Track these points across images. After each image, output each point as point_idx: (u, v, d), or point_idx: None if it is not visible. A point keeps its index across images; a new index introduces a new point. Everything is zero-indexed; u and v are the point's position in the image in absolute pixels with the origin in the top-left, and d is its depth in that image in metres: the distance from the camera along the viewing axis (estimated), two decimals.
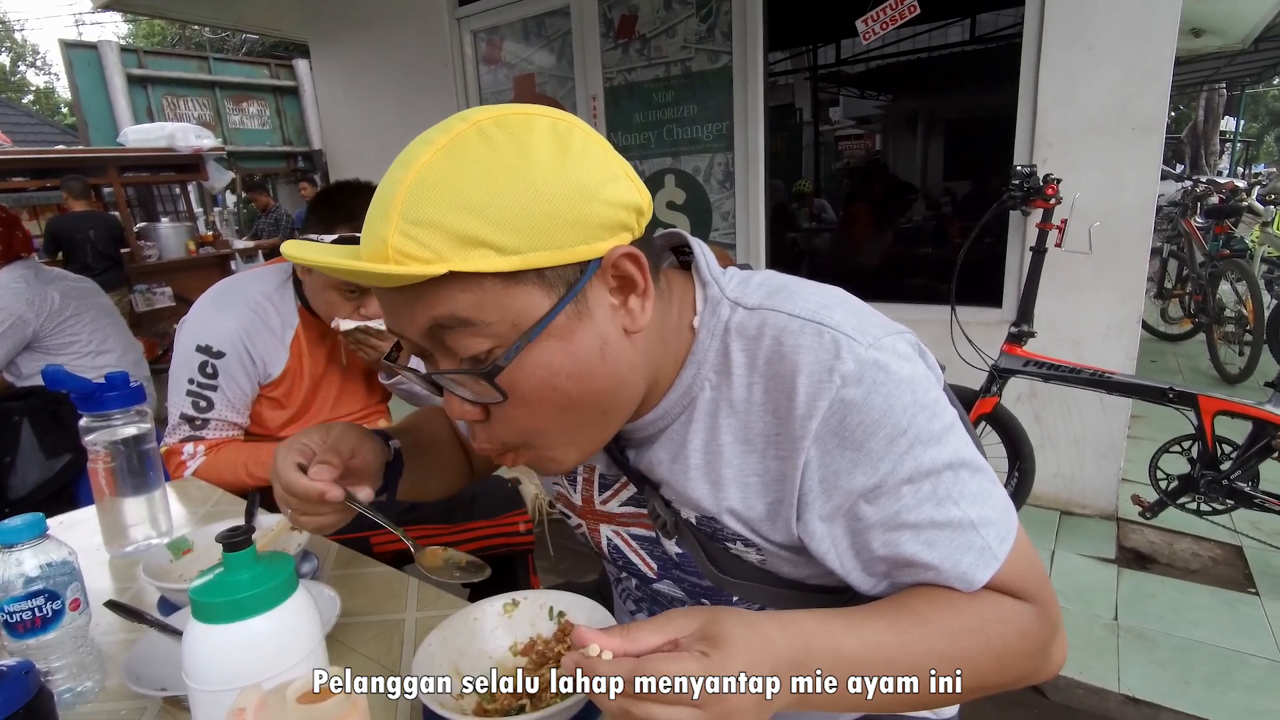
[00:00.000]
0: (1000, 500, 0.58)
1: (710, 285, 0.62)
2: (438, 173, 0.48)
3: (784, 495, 0.58)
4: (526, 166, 0.48)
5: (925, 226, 3.08)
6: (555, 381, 0.52)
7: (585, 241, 0.50)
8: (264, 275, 1.42)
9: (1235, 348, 3.92)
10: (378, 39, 4.11)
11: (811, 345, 0.55)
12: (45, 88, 24.27)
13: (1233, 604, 1.99)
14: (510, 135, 0.49)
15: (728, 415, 0.60)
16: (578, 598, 0.75)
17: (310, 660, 0.57)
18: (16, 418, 2.14)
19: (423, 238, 0.47)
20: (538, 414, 0.54)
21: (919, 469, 0.55)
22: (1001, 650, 0.55)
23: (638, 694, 0.43)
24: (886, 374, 0.54)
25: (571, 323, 0.52)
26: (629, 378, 0.56)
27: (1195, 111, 12.63)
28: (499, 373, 0.51)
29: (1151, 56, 2.15)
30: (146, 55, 9.41)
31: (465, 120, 0.50)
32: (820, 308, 0.57)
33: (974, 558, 0.55)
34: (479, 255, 0.48)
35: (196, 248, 6.36)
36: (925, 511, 0.55)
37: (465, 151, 0.49)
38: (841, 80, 3.38)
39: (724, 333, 0.60)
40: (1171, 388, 1.98)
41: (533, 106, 0.53)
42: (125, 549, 1.02)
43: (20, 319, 2.20)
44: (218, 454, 1.32)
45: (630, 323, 0.55)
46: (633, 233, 0.54)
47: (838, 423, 0.54)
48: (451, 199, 0.47)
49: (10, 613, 0.67)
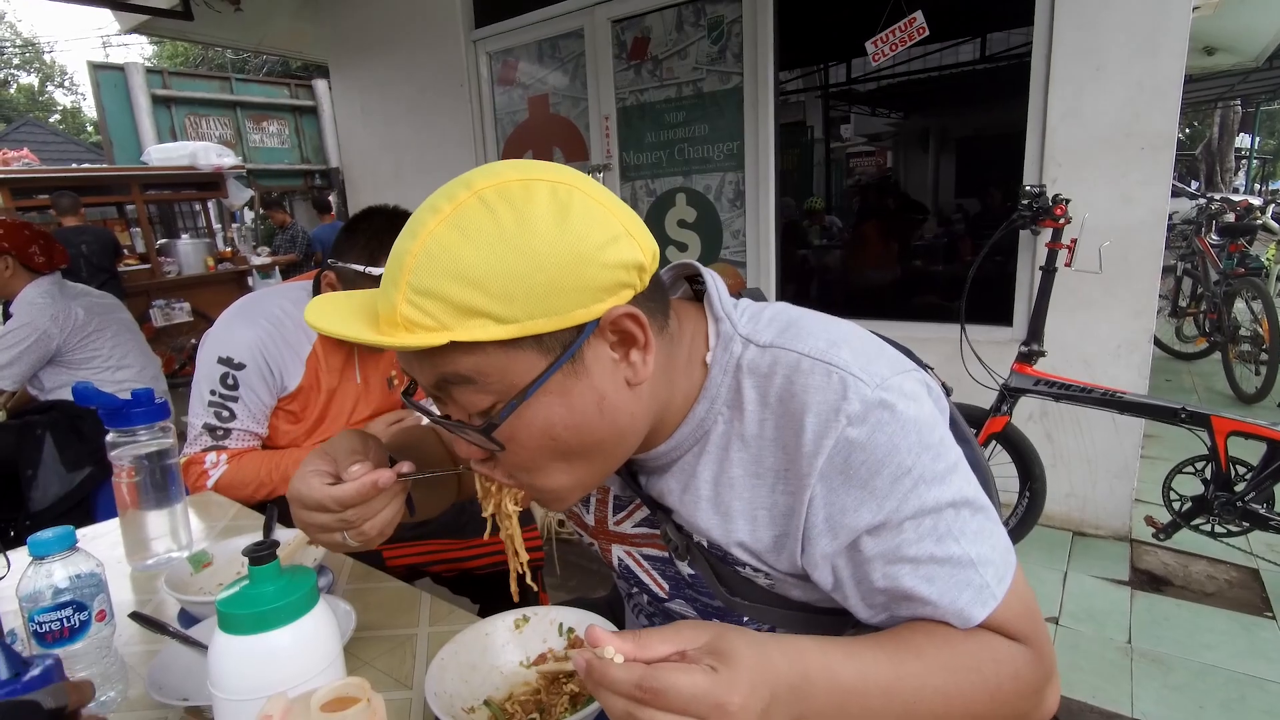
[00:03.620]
0: (1000, 541, 0.59)
1: (722, 321, 0.63)
2: (441, 244, 0.51)
3: (790, 529, 0.60)
4: (526, 238, 0.50)
5: (935, 244, 3.09)
6: (553, 433, 0.55)
7: (583, 305, 0.52)
8: (285, 291, 1.46)
9: (1251, 367, 3.87)
10: (395, 60, 4.19)
11: (820, 385, 0.57)
12: (72, 107, 24.87)
13: (1249, 628, 1.96)
14: (511, 205, 0.51)
15: (739, 449, 0.62)
16: (586, 614, 0.76)
17: (331, 671, 0.58)
18: (39, 431, 2.19)
19: (427, 307, 0.50)
20: (537, 460, 0.58)
21: (922, 507, 0.56)
22: (995, 689, 0.56)
23: (644, 700, 0.45)
24: (892, 414, 0.56)
25: (568, 380, 0.54)
26: (629, 426, 0.59)
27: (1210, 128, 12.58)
28: (495, 429, 0.54)
29: (1161, 74, 2.16)
30: (171, 76, 9.64)
31: (469, 188, 0.52)
32: (830, 346, 0.59)
33: (972, 595, 0.57)
34: (479, 324, 0.50)
35: (215, 264, 6.47)
36: (925, 547, 0.56)
37: (468, 222, 0.51)
38: (852, 99, 3.41)
39: (736, 369, 0.62)
40: (1184, 408, 1.97)
41: (535, 170, 0.54)
42: (147, 561, 1.04)
43: (45, 334, 2.26)
44: (240, 463, 1.35)
45: (633, 375, 0.57)
46: (635, 289, 0.55)
47: (842, 461, 0.56)
48: (453, 271, 0.50)
49: (40, 623, 0.70)
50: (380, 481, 0.63)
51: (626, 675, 0.45)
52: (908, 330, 2.84)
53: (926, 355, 0.75)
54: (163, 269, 6.05)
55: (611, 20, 3.34)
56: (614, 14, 3.32)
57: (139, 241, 6.44)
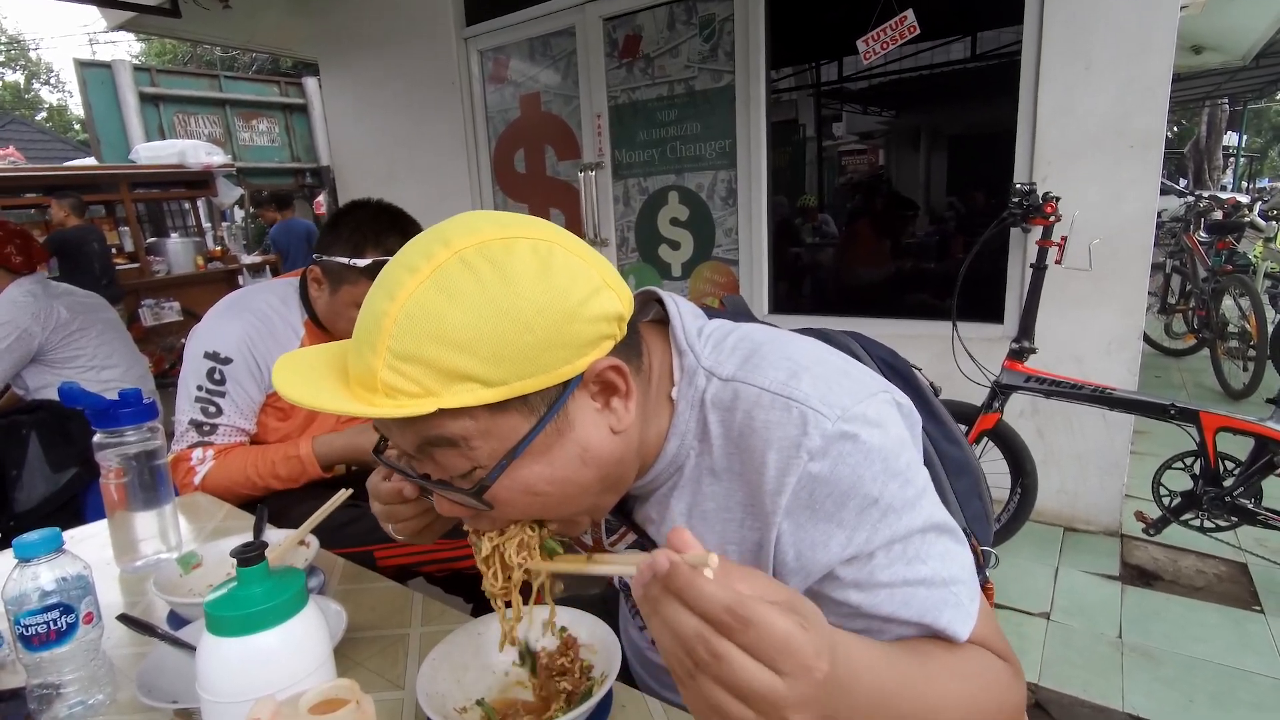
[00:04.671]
0: (967, 561, 0.59)
1: (686, 355, 0.62)
2: (423, 307, 0.49)
3: (760, 563, 0.59)
4: (512, 299, 0.49)
5: (927, 242, 3.10)
6: (537, 489, 0.55)
7: (568, 361, 0.51)
8: (273, 287, 1.45)
9: (1239, 363, 3.91)
10: (386, 58, 4.17)
11: (779, 421, 0.56)
12: (59, 105, 24.60)
13: (1238, 621, 1.98)
14: (493, 264, 0.50)
15: (710, 483, 0.62)
16: (580, 613, 0.76)
17: (320, 673, 0.58)
18: (24, 431, 2.16)
19: (411, 374, 0.49)
20: (524, 513, 0.58)
21: (893, 536, 0.55)
22: (1002, 699, 0.56)
23: (727, 627, 0.39)
24: (854, 445, 0.55)
25: (551, 439, 0.54)
26: (613, 471, 0.58)
27: (1198, 127, 12.68)
28: (485, 490, 0.53)
29: (1149, 73, 2.18)
30: (159, 74, 9.55)
31: (448, 247, 0.50)
32: (790, 378, 0.57)
33: (952, 614, 0.56)
34: (466, 389, 0.49)
35: (205, 263, 6.43)
36: (898, 571, 0.56)
37: (449, 284, 0.49)
38: (844, 97, 3.42)
39: (700, 404, 0.61)
40: (1173, 404, 1.98)
41: (514, 227, 0.53)
42: (135, 563, 1.04)
43: (25, 332, 2.23)
44: (227, 459, 1.34)
45: (616, 423, 0.56)
46: (615, 339, 0.55)
47: (808, 496, 0.55)
48: (438, 335, 0.48)
49: (25, 626, 0.69)
50: (404, 491, 0.65)
51: (720, 593, 0.39)
52: (899, 328, 2.85)
53: (918, 352, 0.75)
54: (152, 268, 6.01)
55: (603, 18, 3.33)
56: (605, 12, 3.31)
57: (128, 240, 6.39)
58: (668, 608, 0.40)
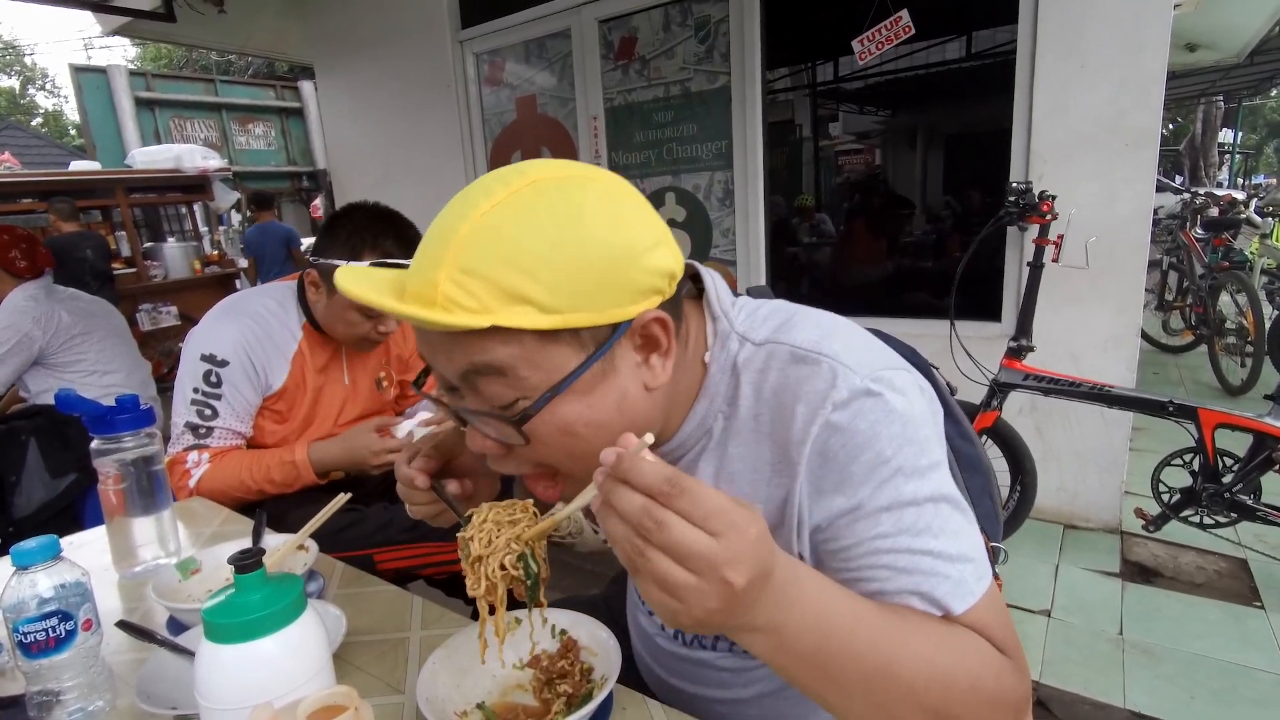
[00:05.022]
0: (979, 543, 0.59)
1: (720, 320, 0.64)
2: (494, 227, 0.50)
3: (785, 519, 0.60)
4: (580, 232, 0.51)
5: (924, 241, 3.10)
6: (573, 429, 0.55)
7: (621, 305, 0.53)
8: (269, 290, 1.45)
9: (1237, 359, 3.92)
10: (381, 61, 4.17)
11: (810, 375, 0.58)
12: (54, 110, 24.58)
13: (1239, 617, 1.98)
14: (567, 199, 0.52)
15: (737, 445, 0.63)
16: (579, 615, 0.76)
17: (319, 679, 0.58)
18: (24, 437, 2.16)
19: (472, 288, 0.50)
20: (553, 454, 0.58)
21: (899, 498, 0.55)
22: (976, 680, 0.53)
23: (667, 496, 0.43)
24: (877, 403, 0.56)
25: (596, 379, 0.55)
26: (643, 426, 0.59)
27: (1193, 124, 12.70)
28: (526, 420, 0.54)
29: (1144, 71, 2.18)
30: (154, 78, 9.56)
31: (524, 177, 0.52)
32: (822, 339, 0.60)
33: (950, 587, 0.55)
34: (522, 312, 0.50)
35: (202, 267, 6.41)
36: (903, 540, 0.55)
37: (522, 210, 0.51)
38: (840, 97, 3.42)
39: (733, 367, 0.63)
40: (1171, 400, 1.99)
41: (589, 170, 0.55)
42: (134, 569, 1.03)
43: (27, 336, 2.23)
44: (223, 462, 1.33)
45: (650, 379, 0.58)
46: (664, 296, 0.56)
47: (823, 444, 0.57)
48: (505, 255, 0.50)
49: (24, 633, 0.69)
50: (415, 481, 0.69)
51: (659, 468, 0.44)
52: (897, 327, 2.83)
53: (919, 351, 0.75)
54: (149, 272, 5.99)
55: (599, 20, 3.33)
56: (601, 14, 3.31)
57: (124, 245, 6.38)
58: (616, 494, 0.44)
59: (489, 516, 0.62)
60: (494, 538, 0.60)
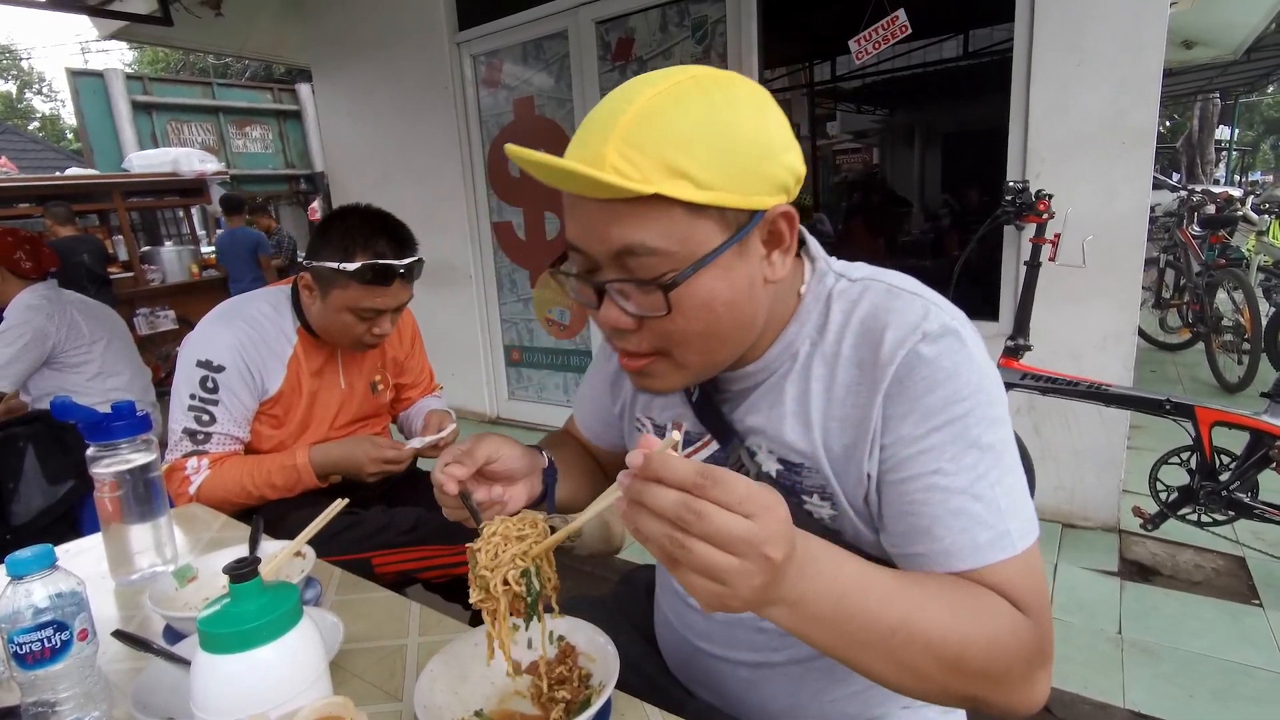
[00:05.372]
0: (1029, 505, 0.62)
1: (819, 260, 0.72)
2: (658, 109, 0.55)
3: (859, 438, 0.64)
4: (733, 119, 0.56)
5: (922, 240, 3.11)
6: (712, 305, 0.60)
7: (760, 193, 0.58)
8: (264, 295, 1.45)
9: (1234, 356, 3.92)
10: (379, 63, 4.17)
11: (904, 308, 0.63)
12: (51, 114, 24.57)
13: (1237, 616, 1.98)
14: (722, 90, 0.57)
15: (819, 366, 0.68)
16: (578, 621, 0.76)
17: (315, 688, 0.58)
18: (21, 443, 2.15)
19: (637, 160, 0.54)
20: (687, 330, 0.61)
21: (964, 436, 0.59)
22: (993, 637, 0.56)
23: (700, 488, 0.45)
24: (963, 345, 0.61)
25: (734, 259, 0.59)
26: (759, 317, 0.65)
27: (1190, 121, 12.72)
28: (674, 288, 0.58)
29: (1141, 69, 2.18)
30: (151, 82, 9.55)
31: (684, 72, 0.58)
32: (918, 285, 0.67)
33: (991, 537, 0.59)
34: (681, 185, 0.55)
35: (199, 271, 6.41)
36: (959, 480, 0.59)
37: (682, 97, 0.56)
38: (837, 96, 3.43)
39: (827, 297, 0.69)
40: (1168, 398, 1.99)
41: (737, 74, 0.61)
42: (131, 577, 1.03)
43: (41, 332, 2.24)
44: (222, 468, 1.33)
45: (770, 273, 0.63)
46: (789, 196, 0.62)
47: (906, 372, 0.61)
48: (668, 133, 0.55)
49: (19, 644, 0.68)
50: (445, 487, 0.71)
51: (691, 463, 0.46)
52: None
53: None
54: (146, 277, 5.99)
55: (595, 21, 3.33)
56: (598, 15, 3.31)
57: (122, 249, 6.38)
58: (649, 493, 0.46)
59: (499, 530, 0.62)
60: (500, 551, 0.60)
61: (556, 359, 3.98)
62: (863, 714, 0.77)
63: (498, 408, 4.30)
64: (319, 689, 0.58)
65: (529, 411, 4.16)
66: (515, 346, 4.17)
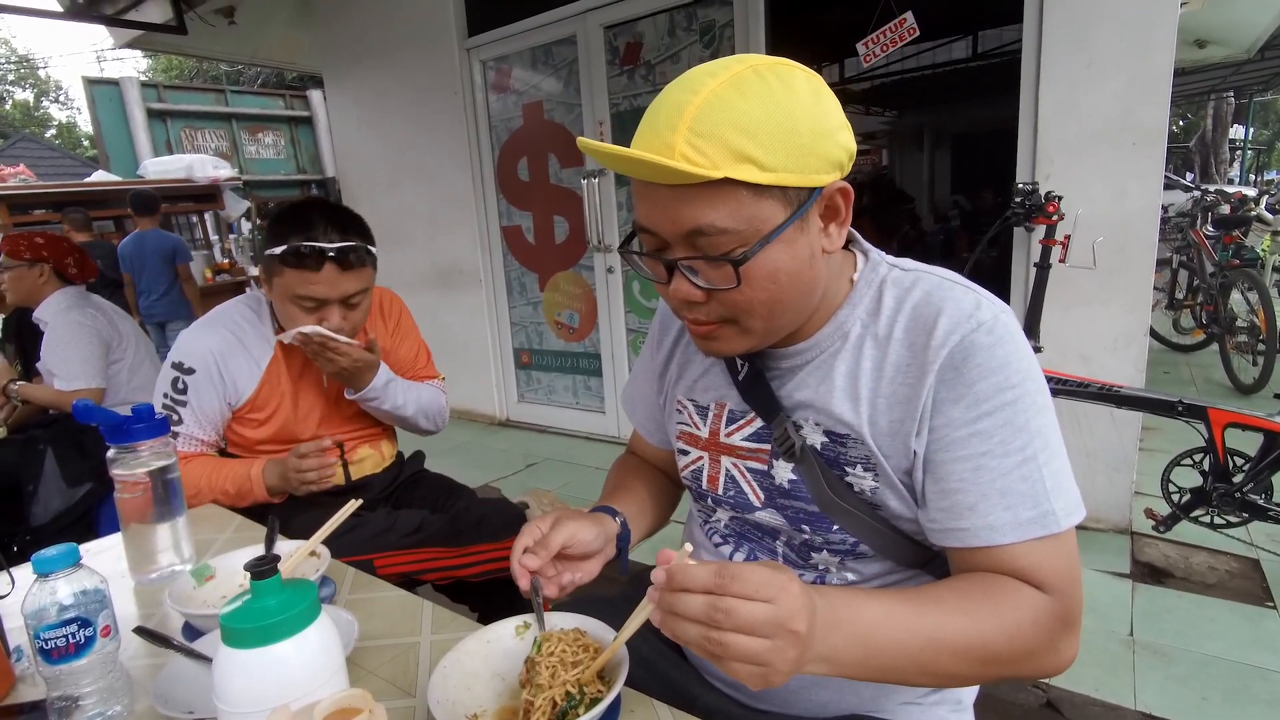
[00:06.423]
0: (1074, 488, 0.67)
1: (871, 252, 0.77)
2: (723, 99, 0.59)
3: (907, 416, 0.68)
4: (791, 104, 0.61)
5: (931, 242, 3.10)
6: (777, 276, 0.65)
7: (818, 172, 0.62)
8: (246, 300, 1.48)
9: (1249, 357, 3.88)
10: (389, 69, 4.21)
11: (957, 298, 0.68)
12: (68, 122, 24.89)
13: (1251, 618, 1.96)
14: (779, 77, 0.62)
15: (871, 347, 0.71)
16: (588, 619, 0.77)
17: (334, 682, 0.59)
18: (41, 446, 2.19)
19: (705, 148, 0.58)
20: (754, 300, 0.66)
21: (1013, 421, 0.64)
22: (1014, 631, 0.61)
23: (721, 587, 0.51)
24: (1013, 338, 0.66)
25: (796, 234, 0.64)
26: (818, 287, 0.70)
27: (1203, 121, 12.60)
28: (744, 262, 0.62)
29: (1151, 68, 2.17)
30: (166, 89, 9.66)
31: (742, 63, 0.62)
32: (968, 281, 0.71)
33: (1035, 515, 0.63)
34: (746, 168, 0.59)
35: (213, 275, 6.48)
36: (1006, 462, 0.64)
37: (745, 86, 0.60)
38: (845, 98, 3.41)
39: (880, 284, 0.73)
40: (1181, 400, 1.98)
41: (791, 61, 0.65)
42: (150, 575, 1.05)
43: (93, 328, 2.29)
44: (186, 466, 1.33)
45: (828, 244, 0.68)
46: (843, 172, 0.66)
47: (961, 358, 0.65)
48: (733, 121, 0.59)
49: (45, 639, 0.70)
50: (520, 582, 0.75)
51: (707, 567, 0.52)
52: None
53: None
54: None
55: (604, 26, 3.35)
56: (606, 20, 3.33)
57: None
58: (678, 601, 0.52)
59: (557, 650, 0.67)
60: (559, 670, 0.65)
61: (566, 361, 4.00)
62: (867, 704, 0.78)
63: (507, 410, 4.32)
64: (337, 682, 0.60)
65: (538, 414, 4.18)
66: (525, 349, 4.19)
